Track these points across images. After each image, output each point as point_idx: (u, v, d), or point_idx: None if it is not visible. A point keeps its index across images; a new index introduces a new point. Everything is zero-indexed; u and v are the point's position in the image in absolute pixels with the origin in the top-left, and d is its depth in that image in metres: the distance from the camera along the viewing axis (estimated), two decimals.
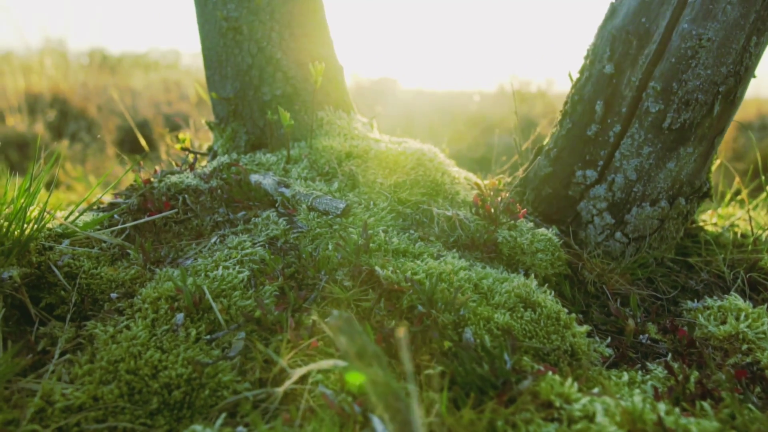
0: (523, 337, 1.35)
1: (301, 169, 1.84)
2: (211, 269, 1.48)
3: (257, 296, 1.40)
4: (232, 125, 2.08)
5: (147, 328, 1.31)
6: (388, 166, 1.82)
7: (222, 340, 1.31)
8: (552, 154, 1.95)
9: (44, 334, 1.37)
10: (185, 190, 1.76)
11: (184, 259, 1.58)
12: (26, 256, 1.46)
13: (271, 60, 1.99)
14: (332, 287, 1.43)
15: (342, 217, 1.62)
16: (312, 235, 1.59)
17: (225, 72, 2.05)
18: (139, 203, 1.76)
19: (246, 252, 1.52)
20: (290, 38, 2.01)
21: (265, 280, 1.46)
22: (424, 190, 1.80)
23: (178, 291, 1.38)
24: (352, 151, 1.86)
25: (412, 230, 1.67)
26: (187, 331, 1.31)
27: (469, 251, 1.67)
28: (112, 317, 1.38)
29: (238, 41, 1.99)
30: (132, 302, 1.41)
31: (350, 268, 1.47)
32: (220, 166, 1.85)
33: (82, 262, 1.49)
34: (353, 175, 1.79)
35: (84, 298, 1.45)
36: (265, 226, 1.62)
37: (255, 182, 1.77)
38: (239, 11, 1.97)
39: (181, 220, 1.70)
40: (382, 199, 1.74)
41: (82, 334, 1.36)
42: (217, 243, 1.60)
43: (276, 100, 2.01)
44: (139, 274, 1.48)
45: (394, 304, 1.40)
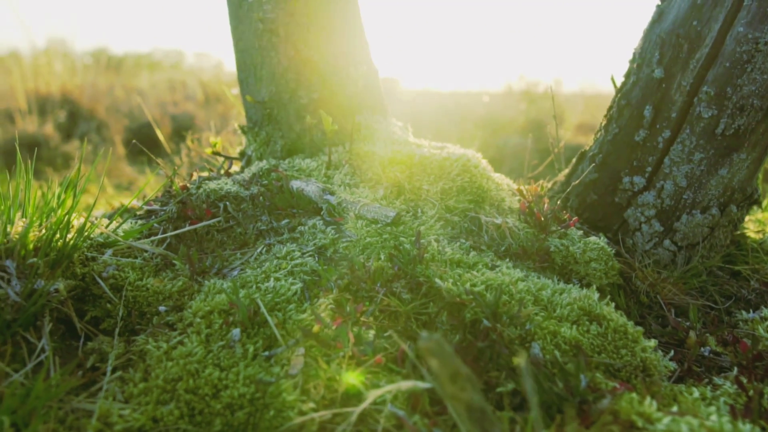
0: (592, 352, 1.31)
1: (343, 176, 1.79)
2: (261, 281, 1.43)
3: (313, 309, 1.35)
4: (267, 129, 2.03)
5: (202, 344, 1.26)
6: (434, 173, 1.77)
7: (280, 357, 1.26)
8: (597, 160, 1.91)
9: (92, 350, 1.31)
10: (225, 197, 1.71)
11: (229, 269, 1.53)
12: (70, 267, 1.41)
13: (308, 63, 1.94)
14: (390, 300, 1.38)
15: (392, 226, 1.57)
16: (362, 244, 1.54)
17: (260, 75, 1.99)
18: (178, 210, 1.70)
19: (296, 262, 1.47)
20: (327, 41, 1.95)
21: (319, 292, 1.41)
22: (471, 197, 1.76)
23: (231, 305, 1.33)
24: (395, 156, 1.81)
25: (463, 239, 1.63)
26: (245, 347, 1.26)
27: (521, 260, 1.62)
28: (163, 332, 1.32)
29: (274, 43, 1.94)
30: (182, 316, 1.36)
31: (407, 280, 1.42)
32: (260, 172, 1.80)
33: (127, 274, 1.44)
34: (399, 181, 1.74)
35: (130, 311, 1.40)
36: (312, 235, 1.57)
37: (297, 189, 1.71)
38: (276, 12, 1.91)
39: (223, 228, 1.64)
40: (430, 207, 1.69)
41: (132, 349, 1.30)
42: (264, 252, 1.55)
43: (313, 104, 1.96)
44: (186, 286, 1.43)
45: (456, 318, 1.35)
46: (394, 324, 1.37)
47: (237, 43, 2.06)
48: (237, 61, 2.10)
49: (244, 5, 1.97)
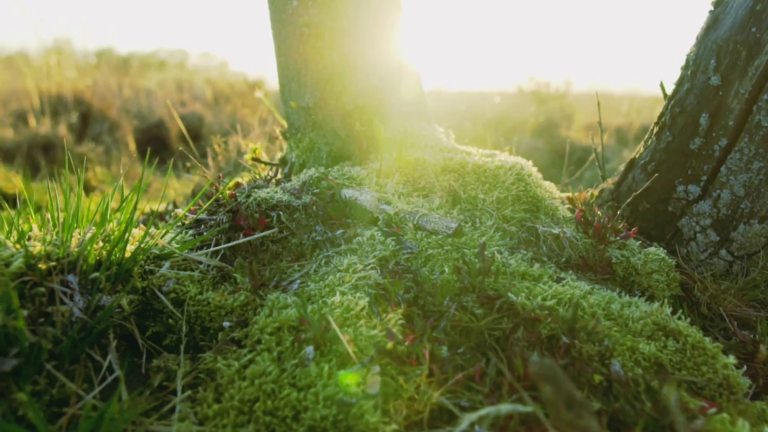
0: (672, 369, 1.28)
1: (395, 184, 1.75)
2: (326, 294, 1.39)
3: (384, 325, 1.31)
4: (310, 136, 1.99)
5: (274, 363, 1.22)
6: (488, 181, 1.74)
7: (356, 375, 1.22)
8: (649, 168, 1.88)
9: (158, 368, 1.27)
10: (277, 206, 1.66)
11: (288, 281, 1.49)
12: (130, 281, 1.36)
13: (355, 68, 1.90)
14: (461, 315, 1.35)
15: (454, 237, 1.54)
16: (424, 256, 1.50)
17: (304, 80, 1.95)
18: (229, 220, 1.66)
19: (360, 275, 1.43)
20: (374, 45, 1.91)
21: (387, 306, 1.37)
22: (526, 206, 1.72)
23: (300, 320, 1.29)
24: (447, 164, 1.78)
25: (523, 250, 1.59)
26: (319, 365, 1.22)
27: (582, 272, 1.59)
28: (230, 349, 1.28)
29: (319, 48, 1.90)
30: (248, 332, 1.32)
31: (478, 294, 1.38)
32: (310, 180, 1.76)
33: (188, 287, 1.39)
34: (453, 190, 1.70)
35: (192, 327, 1.35)
36: (371, 246, 1.53)
37: (350, 198, 1.67)
38: (321, 17, 1.87)
39: (277, 239, 1.60)
40: (487, 217, 1.66)
41: (199, 367, 1.26)
42: (323, 264, 1.51)
43: (359, 110, 1.92)
44: (248, 300, 1.39)
45: (531, 333, 1.31)
46: (466, 340, 1.34)
47: (279, 47, 2.01)
48: (279, 66, 2.06)
49: (287, 9, 1.93)
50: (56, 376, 1.15)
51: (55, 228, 1.48)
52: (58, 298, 1.24)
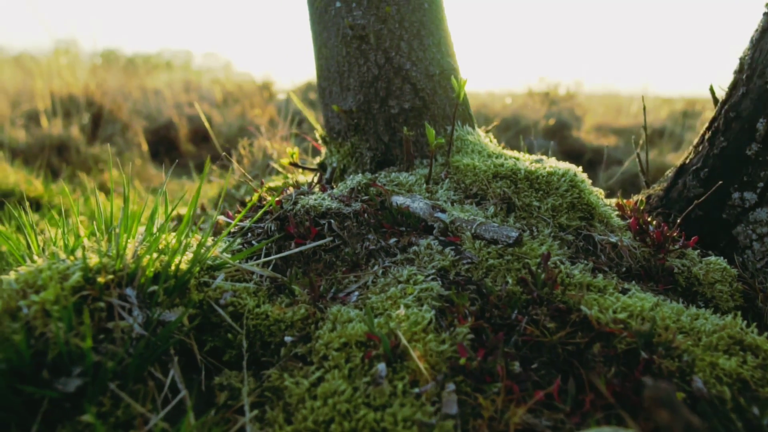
0: (755, 386, 1.24)
1: (445, 191, 1.71)
2: (389, 307, 1.34)
3: (453, 340, 1.26)
4: (352, 140, 1.93)
5: (345, 380, 1.16)
6: (541, 188, 1.69)
7: (430, 393, 1.17)
8: (702, 175, 1.84)
9: (221, 386, 1.22)
10: (327, 214, 1.61)
11: (345, 293, 1.43)
12: (186, 294, 1.30)
13: (400, 71, 1.85)
14: (533, 328, 1.30)
15: (514, 247, 1.49)
16: (485, 267, 1.46)
17: (347, 83, 1.90)
18: (277, 228, 1.60)
19: (422, 287, 1.38)
20: (419, 48, 1.86)
21: (453, 319, 1.32)
22: (581, 214, 1.68)
23: (368, 336, 1.24)
24: (499, 170, 1.73)
25: (583, 259, 1.55)
26: (392, 383, 1.17)
27: (644, 282, 1.55)
28: (296, 366, 1.23)
29: (363, 51, 1.84)
30: (312, 347, 1.26)
31: (548, 307, 1.34)
32: (358, 187, 1.71)
33: (245, 300, 1.34)
34: (508, 197, 1.65)
35: (252, 342, 1.30)
36: (429, 256, 1.48)
37: (401, 205, 1.62)
38: (366, 19, 1.82)
39: (329, 248, 1.55)
40: (543, 225, 1.61)
41: (265, 385, 1.21)
42: (381, 275, 1.46)
43: (404, 114, 1.87)
44: (309, 314, 1.33)
45: (605, 348, 1.27)
46: (538, 355, 1.29)
47: (320, 49, 1.96)
48: (318, 69, 2.00)
49: (330, 11, 1.88)
50: (121, 396, 1.09)
51: (103, 237, 1.42)
52: (117, 313, 1.18)
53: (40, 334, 1.10)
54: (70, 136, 4.08)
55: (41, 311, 1.12)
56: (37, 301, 1.12)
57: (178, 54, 10.73)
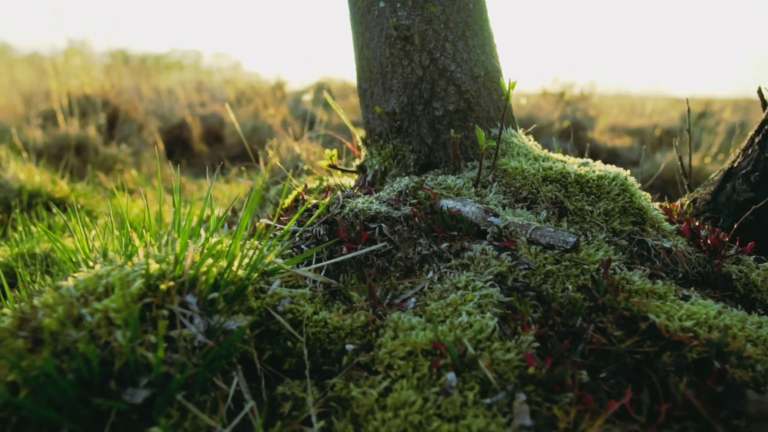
0: None
1: (494, 195, 1.68)
2: (450, 314, 1.31)
3: (519, 348, 1.23)
4: (394, 142, 1.90)
5: (414, 390, 1.13)
6: (592, 192, 1.66)
7: (500, 404, 1.14)
8: (752, 178, 1.81)
9: (284, 395, 1.19)
10: (376, 217, 1.58)
11: (402, 299, 1.40)
12: (245, 301, 1.28)
13: (444, 72, 1.82)
14: (599, 337, 1.27)
15: (571, 252, 1.46)
16: (543, 272, 1.43)
17: (389, 85, 1.87)
18: (326, 232, 1.58)
19: (482, 293, 1.35)
20: (464, 49, 1.83)
21: (517, 327, 1.30)
22: (633, 218, 1.65)
23: (434, 344, 1.21)
24: (548, 174, 1.70)
25: (639, 265, 1.52)
26: (462, 393, 1.14)
27: (701, 288, 1.52)
28: (361, 375, 1.20)
29: (407, 52, 1.81)
30: (375, 356, 1.23)
31: (613, 314, 1.31)
32: (406, 190, 1.68)
33: (303, 307, 1.31)
34: (559, 201, 1.62)
35: (313, 350, 1.27)
36: (484, 261, 1.45)
37: (451, 209, 1.59)
38: (411, 19, 1.79)
39: (381, 253, 1.52)
40: (597, 230, 1.58)
41: (329, 395, 1.18)
42: (437, 281, 1.43)
43: (448, 116, 1.84)
44: (368, 321, 1.30)
45: (677, 357, 1.24)
46: (604, 363, 1.26)
47: (361, 50, 1.93)
48: (360, 70, 1.97)
49: (373, 11, 1.85)
50: (188, 407, 1.06)
51: (155, 242, 1.39)
52: (179, 321, 1.15)
53: (104, 343, 1.07)
54: (88, 136, 4.05)
55: (105, 319, 1.09)
56: (100, 309, 1.09)
57: (187, 54, 10.72)
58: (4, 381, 1.06)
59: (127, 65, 5.86)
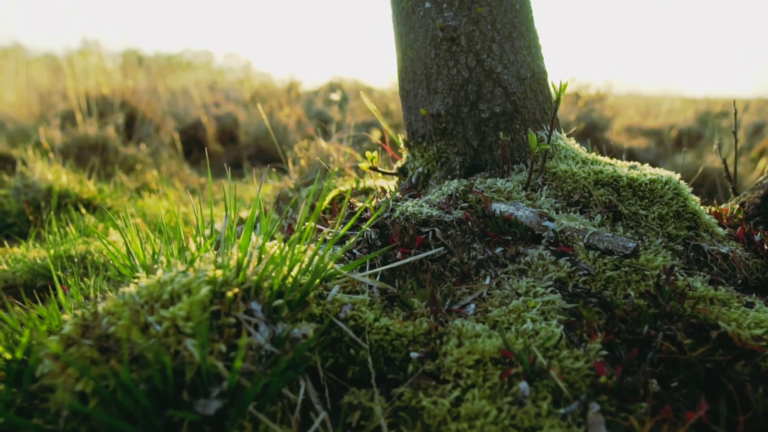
0: None
1: (546, 198, 1.65)
2: (514, 321, 1.28)
3: (587, 356, 1.21)
4: (438, 144, 1.88)
5: (487, 400, 1.11)
6: (645, 196, 1.64)
7: (574, 414, 1.11)
8: None
9: (351, 405, 1.16)
10: (428, 221, 1.55)
11: (460, 305, 1.38)
12: (307, 308, 1.25)
13: (491, 74, 1.79)
14: (669, 345, 1.24)
15: (631, 258, 1.43)
16: (603, 278, 1.40)
17: (434, 86, 1.84)
18: (377, 236, 1.55)
19: (544, 300, 1.32)
20: (511, 51, 1.81)
21: (583, 334, 1.27)
22: (687, 223, 1.62)
23: (502, 352, 1.18)
24: (599, 177, 1.67)
25: (698, 271, 1.49)
26: (536, 403, 1.11)
27: (761, 295, 1.49)
28: (429, 384, 1.17)
29: (453, 53, 1.79)
30: (441, 364, 1.21)
31: (682, 322, 1.28)
32: (456, 193, 1.65)
33: (365, 313, 1.28)
34: (613, 205, 1.60)
35: (376, 358, 1.24)
36: (542, 267, 1.43)
37: (504, 213, 1.57)
38: (458, 20, 1.76)
39: (435, 257, 1.50)
40: (653, 235, 1.56)
41: (397, 404, 1.15)
42: (494, 287, 1.40)
43: (494, 119, 1.81)
44: (431, 328, 1.28)
45: (749, 366, 1.21)
46: (673, 372, 1.23)
47: (405, 51, 1.90)
48: (402, 71, 1.95)
49: (418, 11, 1.82)
50: (260, 419, 1.04)
51: (209, 247, 1.37)
52: (245, 329, 1.13)
53: (174, 352, 1.05)
54: (108, 137, 4.03)
55: (173, 328, 1.06)
56: (168, 317, 1.07)
57: (199, 54, 10.70)
58: (71, 390, 1.04)
59: (141, 65, 5.84)
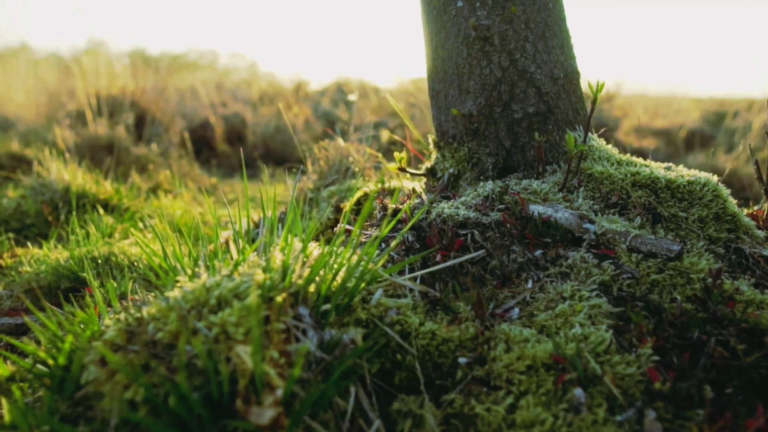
0: None
1: (584, 200, 1.63)
2: (562, 326, 1.26)
3: (639, 362, 1.18)
4: (469, 145, 1.85)
5: (542, 407, 1.09)
6: (684, 198, 1.61)
7: (630, 421, 1.09)
8: None
9: (401, 412, 1.14)
10: (466, 223, 1.53)
11: (503, 309, 1.35)
12: (353, 312, 1.23)
13: (524, 74, 1.77)
14: (722, 350, 1.22)
15: (675, 261, 1.41)
16: (647, 282, 1.38)
17: (466, 86, 1.81)
18: (415, 238, 1.53)
19: (590, 303, 1.30)
20: (544, 50, 1.78)
21: (632, 339, 1.25)
22: (728, 225, 1.60)
23: (554, 358, 1.16)
24: (637, 179, 1.65)
25: (742, 275, 1.47)
26: (591, 410, 1.09)
27: None
28: (481, 390, 1.15)
29: (486, 52, 1.76)
30: (490, 369, 1.18)
31: (735, 327, 1.26)
32: (493, 195, 1.63)
33: (410, 318, 1.26)
34: (653, 207, 1.57)
35: (423, 363, 1.22)
36: (585, 269, 1.40)
37: (542, 215, 1.54)
38: (491, 19, 1.74)
39: (475, 260, 1.47)
40: (693, 237, 1.53)
41: (448, 411, 1.13)
42: (537, 290, 1.38)
43: (528, 119, 1.79)
44: (477, 332, 1.25)
45: None
46: (727, 378, 1.21)
47: (436, 50, 1.88)
48: (433, 70, 1.92)
49: (450, 10, 1.80)
50: (314, 427, 1.01)
51: (249, 250, 1.34)
52: (293, 334, 1.10)
53: (225, 359, 1.02)
54: (119, 137, 4.00)
55: (223, 334, 1.04)
56: (217, 323, 1.04)
57: (204, 54, 10.67)
58: (120, 398, 1.01)
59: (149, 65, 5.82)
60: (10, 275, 2.03)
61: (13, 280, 1.98)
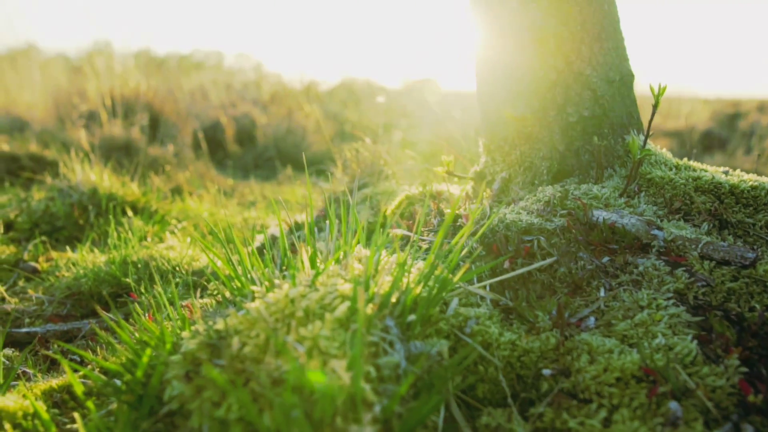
0: None
1: (647, 205, 1.60)
2: (643, 336, 1.23)
3: (727, 374, 1.16)
4: (522, 148, 1.82)
5: (638, 420, 1.06)
6: (749, 203, 1.59)
7: None
8: None
9: (489, 427, 1.11)
10: (530, 230, 1.50)
11: (578, 318, 1.33)
12: (434, 323, 1.19)
13: (580, 76, 1.74)
14: None
15: (749, 269, 1.38)
16: (723, 290, 1.35)
17: (517, 88, 1.78)
18: (480, 245, 1.50)
19: (669, 312, 1.27)
20: (599, 52, 1.75)
21: (717, 349, 1.22)
22: None
23: (645, 370, 1.13)
24: (699, 184, 1.62)
25: None
26: (687, 424, 1.06)
27: None
28: (570, 403, 1.12)
29: (540, 54, 1.73)
30: (577, 381, 1.15)
31: None
32: (554, 200, 1.60)
33: (490, 328, 1.23)
34: (719, 213, 1.55)
35: (506, 375, 1.19)
36: (657, 277, 1.38)
37: (606, 221, 1.52)
38: (547, 20, 1.71)
39: (542, 268, 1.44)
40: (762, 244, 1.51)
41: (537, 425, 1.10)
42: (611, 299, 1.35)
43: (582, 122, 1.76)
44: (558, 343, 1.22)
45: None
46: None
47: (484, 50, 1.85)
48: (482, 71, 1.89)
49: (502, 12, 1.77)
50: None
51: (331, 260, 1.31)
52: (381, 347, 1.07)
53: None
54: (134, 137, 3.95)
55: (315, 348, 1.00)
56: (308, 337, 1.01)
57: (210, 55, 10.58)
58: (211, 415, 0.98)
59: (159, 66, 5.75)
60: (48, 280, 1.98)
61: (51, 285, 1.93)
